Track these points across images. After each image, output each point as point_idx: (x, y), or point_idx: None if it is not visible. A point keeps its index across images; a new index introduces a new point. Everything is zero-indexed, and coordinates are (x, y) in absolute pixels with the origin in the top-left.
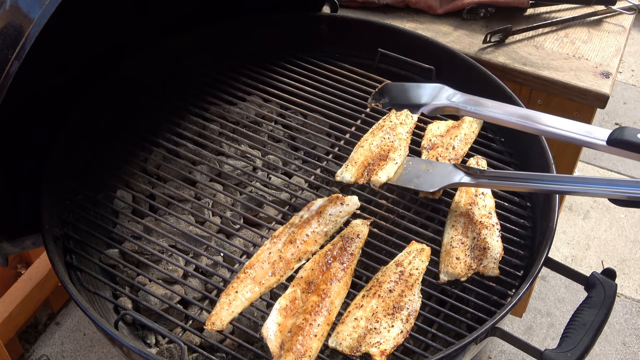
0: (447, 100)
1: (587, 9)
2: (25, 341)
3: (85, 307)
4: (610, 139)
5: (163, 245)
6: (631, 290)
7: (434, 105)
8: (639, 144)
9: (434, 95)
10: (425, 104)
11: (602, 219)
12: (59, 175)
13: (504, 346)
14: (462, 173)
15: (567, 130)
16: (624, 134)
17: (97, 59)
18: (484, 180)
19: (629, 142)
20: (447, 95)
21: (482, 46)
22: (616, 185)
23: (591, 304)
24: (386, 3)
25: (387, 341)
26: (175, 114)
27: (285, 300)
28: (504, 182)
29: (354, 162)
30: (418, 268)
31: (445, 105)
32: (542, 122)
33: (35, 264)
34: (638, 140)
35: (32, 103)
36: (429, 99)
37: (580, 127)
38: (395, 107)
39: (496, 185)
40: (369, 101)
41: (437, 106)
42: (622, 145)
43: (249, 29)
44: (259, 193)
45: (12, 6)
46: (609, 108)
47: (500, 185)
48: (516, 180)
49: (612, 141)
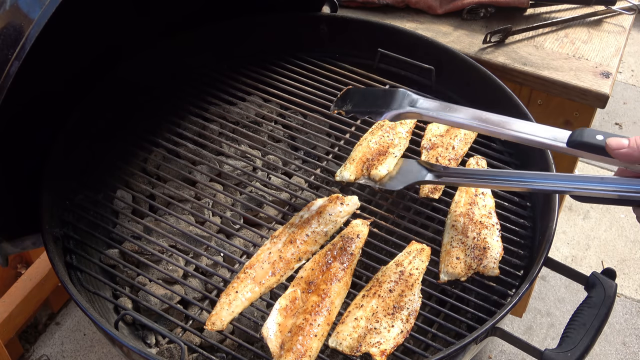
0: (409, 106)
1: (587, 9)
2: (25, 341)
3: (85, 307)
4: (569, 140)
5: (163, 245)
6: (631, 290)
7: (396, 112)
8: (596, 145)
9: (396, 101)
10: (387, 110)
11: (602, 219)
12: (59, 175)
13: (504, 346)
14: (427, 172)
15: (532, 134)
16: (583, 136)
17: (97, 59)
18: (447, 178)
19: (587, 144)
20: (410, 101)
21: (482, 46)
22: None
23: (591, 304)
24: (386, 3)
25: (387, 341)
26: (175, 114)
27: (285, 300)
28: (467, 180)
29: (353, 159)
30: (418, 268)
31: (408, 112)
32: (508, 127)
33: (35, 264)
34: (596, 141)
35: (32, 103)
36: (391, 105)
37: (544, 131)
38: (357, 113)
39: (459, 182)
40: (332, 108)
41: (399, 112)
42: (581, 147)
43: (249, 29)
44: (259, 193)
45: (12, 6)
46: (609, 108)
47: (464, 183)
48: (479, 179)
49: (571, 143)
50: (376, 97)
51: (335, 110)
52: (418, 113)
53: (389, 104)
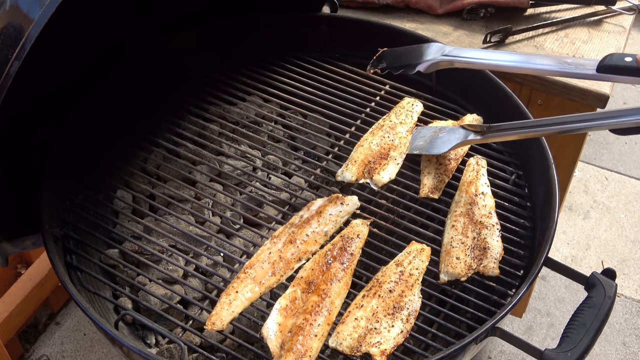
0: (441, 55)
1: (587, 9)
2: (25, 341)
3: (85, 307)
4: (599, 66)
5: (163, 245)
6: (631, 290)
7: (429, 62)
8: (627, 67)
9: (428, 52)
10: (420, 62)
11: (602, 219)
12: (59, 175)
13: (504, 346)
14: (470, 132)
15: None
16: (612, 60)
17: (97, 58)
18: (491, 134)
19: (616, 67)
20: (441, 51)
21: (482, 46)
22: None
23: (591, 304)
24: (386, 3)
25: (387, 341)
26: (175, 114)
27: (285, 300)
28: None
29: (354, 161)
30: (418, 268)
31: (441, 60)
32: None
33: (35, 264)
34: (625, 63)
35: (32, 103)
36: (423, 57)
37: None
38: (392, 69)
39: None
40: (368, 68)
41: (432, 62)
42: (610, 71)
43: (249, 29)
44: (259, 193)
45: (12, 6)
46: (608, 108)
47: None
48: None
49: (601, 68)
50: (409, 53)
51: (371, 70)
52: (450, 60)
53: (422, 56)
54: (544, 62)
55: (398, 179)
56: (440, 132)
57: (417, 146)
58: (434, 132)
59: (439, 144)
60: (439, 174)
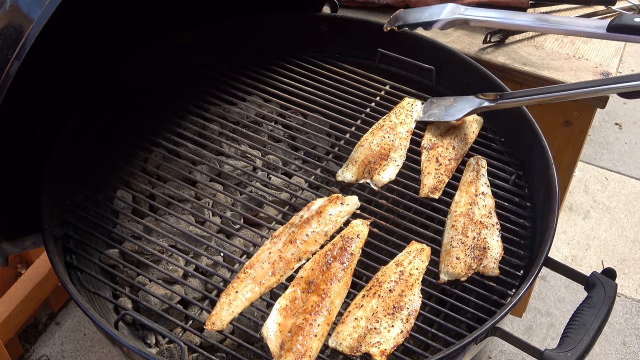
0: (457, 14)
1: (587, 9)
2: (25, 341)
3: (86, 307)
4: (609, 26)
5: (163, 245)
6: (631, 290)
7: (445, 20)
8: (637, 26)
9: (444, 11)
10: (436, 20)
11: (602, 219)
12: (59, 175)
13: (504, 346)
14: (484, 100)
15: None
16: (622, 20)
17: (97, 58)
18: (503, 101)
19: (626, 26)
20: (457, 10)
21: (482, 46)
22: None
23: (591, 304)
24: (386, 3)
25: (387, 341)
26: (175, 114)
27: (285, 300)
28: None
29: (355, 161)
30: (418, 268)
31: (457, 18)
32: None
33: (35, 264)
34: (634, 23)
35: (33, 103)
36: (439, 15)
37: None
38: (409, 26)
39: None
40: (385, 25)
41: (448, 20)
42: (620, 30)
43: (249, 29)
44: (259, 193)
45: (12, 6)
46: (608, 108)
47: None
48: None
49: (611, 28)
50: (425, 11)
51: (387, 28)
52: (465, 19)
53: (437, 14)
54: (557, 20)
55: (398, 179)
56: (455, 101)
57: (432, 114)
58: (449, 101)
59: (453, 112)
60: (439, 174)
